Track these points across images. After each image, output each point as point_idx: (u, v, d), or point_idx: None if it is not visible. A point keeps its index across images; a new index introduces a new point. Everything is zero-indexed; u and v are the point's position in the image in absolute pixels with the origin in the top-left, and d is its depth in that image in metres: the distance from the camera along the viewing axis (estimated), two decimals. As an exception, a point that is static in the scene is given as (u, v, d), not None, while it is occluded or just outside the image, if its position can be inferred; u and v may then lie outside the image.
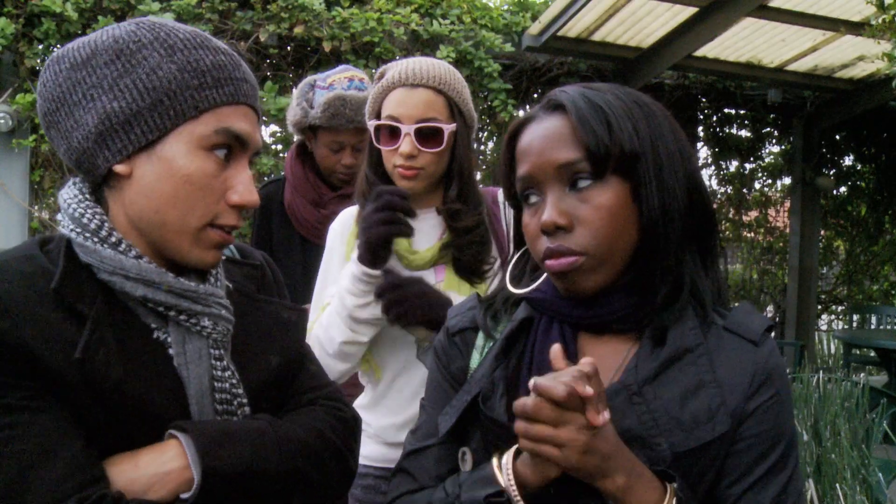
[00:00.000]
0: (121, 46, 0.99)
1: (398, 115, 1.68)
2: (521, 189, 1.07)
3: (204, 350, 1.04)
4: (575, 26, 5.13)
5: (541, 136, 1.04)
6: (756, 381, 1.00)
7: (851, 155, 7.80)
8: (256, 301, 1.18)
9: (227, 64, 1.03)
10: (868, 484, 2.92)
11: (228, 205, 1.03)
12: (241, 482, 0.99)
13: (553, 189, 1.02)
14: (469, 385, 1.09)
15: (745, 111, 6.78)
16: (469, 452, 1.05)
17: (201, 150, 1.01)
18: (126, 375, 0.95)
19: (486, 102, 5.31)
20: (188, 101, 0.99)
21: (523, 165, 1.05)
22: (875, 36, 3.78)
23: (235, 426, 1.03)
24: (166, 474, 0.96)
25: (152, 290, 1.00)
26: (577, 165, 1.01)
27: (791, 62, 5.82)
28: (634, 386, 1.00)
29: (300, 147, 2.53)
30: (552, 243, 1.01)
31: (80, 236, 1.00)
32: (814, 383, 3.57)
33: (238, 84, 1.04)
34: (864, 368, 7.02)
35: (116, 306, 1.00)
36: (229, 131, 1.01)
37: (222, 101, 1.02)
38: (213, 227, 1.03)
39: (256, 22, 4.63)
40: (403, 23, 4.85)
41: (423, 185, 1.72)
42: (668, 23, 5.14)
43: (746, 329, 1.04)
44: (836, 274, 8.10)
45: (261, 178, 4.64)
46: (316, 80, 2.42)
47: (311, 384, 1.20)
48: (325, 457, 1.10)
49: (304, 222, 2.45)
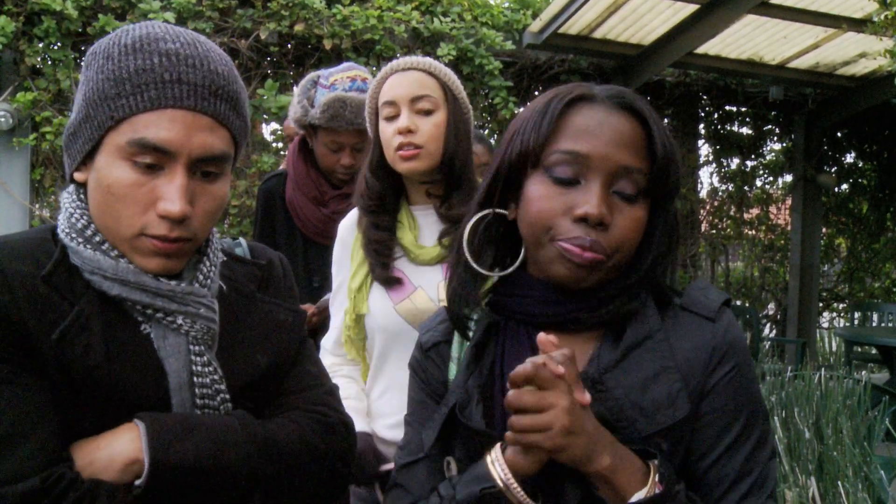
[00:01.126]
0: (88, 59, 1.04)
1: (393, 96, 1.73)
2: (557, 161, 1.02)
3: (182, 346, 1.05)
4: (576, 24, 5.13)
5: (610, 127, 1.02)
6: (715, 357, 1.02)
7: (853, 152, 7.79)
8: (253, 300, 1.18)
9: (153, 67, 0.99)
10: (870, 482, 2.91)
11: (158, 215, 1.00)
12: (195, 476, 1.00)
13: (602, 183, 1.00)
14: (447, 397, 1.10)
15: (747, 108, 6.77)
16: (453, 462, 1.06)
17: (122, 160, 1.00)
18: (106, 362, 0.98)
19: (487, 100, 5.31)
20: (105, 112, 0.99)
21: (580, 142, 1.01)
22: (877, 32, 3.77)
23: (200, 421, 1.04)
24: (118, 455, 0.98)
25: (128, 289, 1.02)
26: (636, 176, 1.01)
27: (792, 59, 5.82)
28: (596, 374, 1.02)
29: (302, 142, 2.51)
30: (589, 235, 0.99)
31: (69, 237, 1.03)
32: (815, 381, 3.57)
33: (164, 88, 0.99)
34: (866, 366, 7.01)
35: (108, 302, 1.03)
36: (143, 142, 0.98)
37: (140, 109, 0.98)
38: (146, 236, 1.01)
39: (257, 20, 4.62)
40: (404, 20, 4.85)
41: (424, 167, 1.73)
42: (670, 20, 5.13)
43: (702, 306, 1.05)
44: (837, 271, 8.09)
45: (262, 177, 4.64)
46: (319, 76, 2.40)
47: (301, 385, 1.19)
48: (304, 458, 1.10)
49: (305, 220, 2.44)
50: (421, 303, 1.72)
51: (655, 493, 0.93)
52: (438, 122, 1.73)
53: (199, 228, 1.04)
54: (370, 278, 1.77)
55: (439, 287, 1.72)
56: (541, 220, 1.02)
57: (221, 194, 1.07)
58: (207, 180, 1.04)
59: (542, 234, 1.02)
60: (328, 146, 2.37)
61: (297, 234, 2.48)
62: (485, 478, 0.97)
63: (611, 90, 1.06)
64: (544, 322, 1.05)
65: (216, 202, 1.06)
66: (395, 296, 1.74)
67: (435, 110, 1.73)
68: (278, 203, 2.50)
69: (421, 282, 1.75)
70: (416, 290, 1.74)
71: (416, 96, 1.72)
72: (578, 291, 1.04)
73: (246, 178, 4.77)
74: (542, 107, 1.05)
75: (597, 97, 1.05)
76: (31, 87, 4.40)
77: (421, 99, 1.72)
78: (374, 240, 1.76)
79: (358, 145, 2.34)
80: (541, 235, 1.03)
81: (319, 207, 2.41)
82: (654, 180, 1.02)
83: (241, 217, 4.72)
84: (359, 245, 1.80)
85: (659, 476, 0.94)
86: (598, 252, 0.99)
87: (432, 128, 1.72)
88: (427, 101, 1.72)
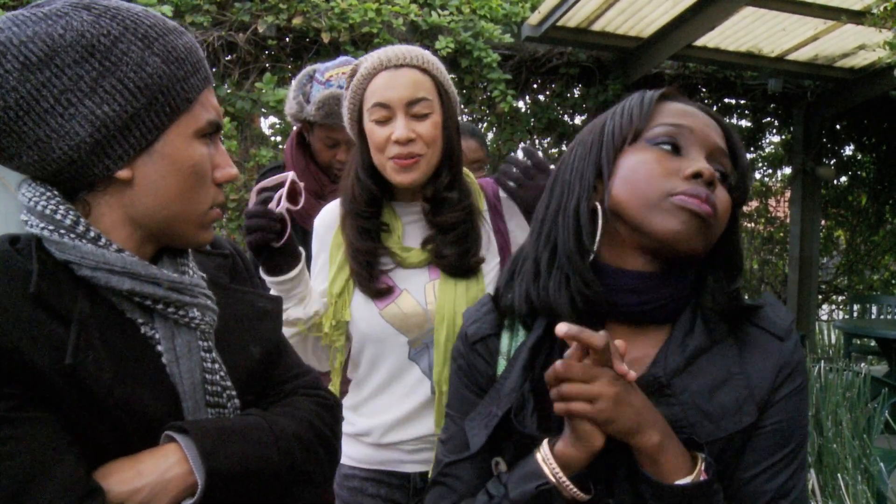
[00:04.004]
0: (90, 42, 0.90)
1: (386, 99, 1.57)
2: (661, 132, 1.06)
3: (193, 343, 1.01)
4: (574, 16, 5.11)
5: (703, 115, 1.08)
6: (782, 374, 1.03)
7: (852, 145, 7.77)
8: (232, 291, 1.15)
9: (193, 45, 1.01)
10: (869, 473, 2.92)
11: (216, 184, 1.04)
12: (244, 481, 0.98)
13: (703, 154, 1.05)
14: (499, 398, 1.07)
15: (746, 101, 6.75)
16: (502, 462, 1.06)
17: (197, 139, 1.00)
18: (116, 375, 0.91)
19: (486, 93, 5.29)
20: (180, 94, 0.96)
21: (683, 118, 1.07)
22: (876, 24, 3.77)
23: (232, 424, 1.01)
24: (169, 481, 0.93)
25: (139, 283, 0.96)
26: (725, 161, 1.07)
27: (791, 51, 5.80)
28: (663, 378, 1.02)
29: (300, 135, 2.51)
30: (702, 188, 1.01)
31: (54, 233, 0.93)
32: (815, 373, 3.57)
33: (204, 67, 1.02)
34: (865, 358, 7.02)
35: (99, 303, 0.95)
36: (215, 122, 1.02)
37: (204, 85, 1.01)
38: (214, 207, 1.05)
39: (255, 13, 4.60)
40: (402, 13, 4.83)
41: (423, 176, 1.62)
42: (668, 12, 5.11)
43: (773, 324, 1.07)
44: (836, 264, 8.09)
45: (259, 170, 4.63)
46: (315, 71, 2.39)
47: (291, 373, 1.19)
48: (317, 447, 1.11)
49: (303, 213, 2.43)
50: (407, 307, 1.64)
51: (701, 480, 0.94)
52: (436, 123, 1.60)
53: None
54: (352, 283, 1.68)
55: (426, 289, 1.66)
56: (652, 180, 1.02)
57: None
58: None
59: (653, 193, 1.02)
60: (324, 142, 2.38)
61: (296, 228, 2.48)
62: (536, 475, 0.97)
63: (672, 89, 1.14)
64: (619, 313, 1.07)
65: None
66: (380, 301, 1.65)
67: (431, 113, 1.59)
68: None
69: (406, 285, 1.66)
70: (401, 293, 1.65)
71: (413, 100, 1.57)
72: (660, 275, 1.05)
73: (244, 171, 4.75)
74: (634, 99, 1.11)
75: (682, 97, 1.12)
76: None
77: (418, 103, 1.57)
78: (363, 250, 1.65)
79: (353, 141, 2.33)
80: (652, 195, 1.02)
81: (318, 200, 2.41)
82: (737, 183, 1.07)
83: (239, 211, 4.71)
84: (337, 247, 1.71)
85: (705, 465, 0.95)
86: (712, 207, 1.01)
87: (431, 130, 1.59)
88: (423, 104, 1.58)
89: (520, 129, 5.68)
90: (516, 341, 1.12)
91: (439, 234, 1.66)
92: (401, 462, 1.70)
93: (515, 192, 1.73)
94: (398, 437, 1.68)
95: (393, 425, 1.68)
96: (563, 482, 0.96)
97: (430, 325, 1.64)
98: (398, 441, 1.69)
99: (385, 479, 1.71)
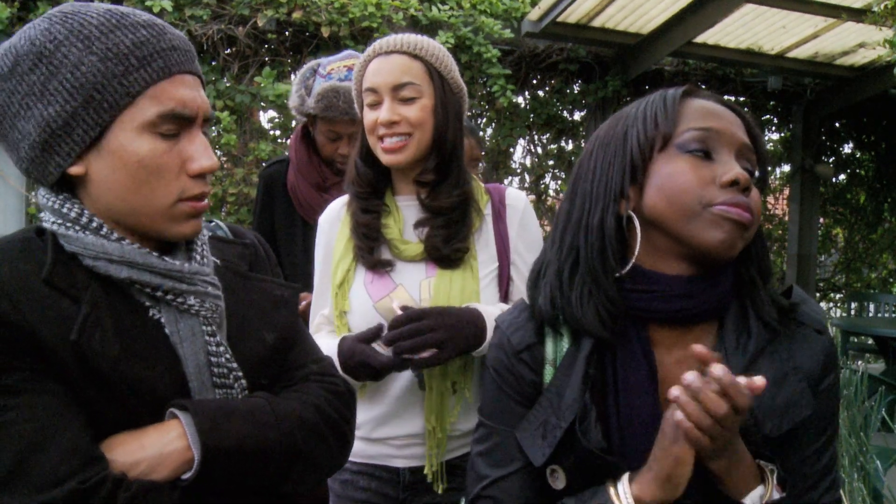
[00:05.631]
0: (39, 49, 0.97)
1: (374, 83, 1.64)
2: (691, 137, 1.05)
3: (196, 328, 1.04)
4: (574, 12, 5.10)
5: (727, 112, 1.10)
6: (826, 365, 1.09)
7: (851, 143, 7.77)
8: (249, 279, 1.19)
9: (148, 39, 1.00)
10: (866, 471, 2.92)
11: (190, 176, 1.03)
12: (241, 459, 1.00)
13: (734, 157, 1.06)
14: (558, 409, 1.06)
15: (745, 98, 6.75)
16: (561, 471, 1.06)
17: (146, 134, 0.99)
18: (123, 353, 0.97)
19: (486, 88, 5.29)
20: (118, 90, 0.97)
21: (709, 120, 1.07)
22: (877, 22, 3.76)
23: (234, 404, 1.04)
24: (168, 455, 0.97)
25: (137, 271, 1.01)
26: (752, 157, 1.07)
27: (791, 49, 5.80)
28: None
29: (304, 129, 2.53)
30: (741, 196, 1.02)
31: (62, 227, 1.01)
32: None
33: (166, 55, 1.00)
34: (862, 356, 7.03)
35: (111, 288, 1.01)
36: (170, 114, 1.00)
37: (153, 79, 0.99)
38: (182, 200, 1.03)
39: (254, 7, 4.59)
40: (402, 8, 4.82)
41: (409, 158, 1.65)
42: (669, 9, 5.11)
43: (812, 319, 1.12)
44: (834, 262, 8.10)
45: (259, 165, 4.62)
46: (319, 65, 2.42)
47: (304, 359, 1.21)
48: (324, 431, 1.12)
49: (306, 205, 2.45)
50: (401, 301, 1.64)
51: (774, 499, 0.97)
52: (425, 107, 1.63)
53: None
54: (352, 273, 1.71)
55: (421, 285, 1.66)
56: (690, 190, 1.03)
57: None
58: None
59: (692, 203, 1.02)
60: (326, 135, 2.40)
61: (298, 220, 2.49)
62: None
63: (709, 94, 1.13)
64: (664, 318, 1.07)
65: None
66: (376, 293, 1.67)
67: (419, 97, 1.63)
68: (279, 189, 2.52)
69: (402, 279, 1.68)
70: (396, 287, 1.67)
71: (398, 84, 1.62)
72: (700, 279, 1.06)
73: (244, 166, 4.75)
74: (656, 102, 1.10)
75: (702, 92, 1.12)
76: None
77: (403, 87, 1.62)
78: (363, 223, 1.70)
79: (356, 134, 2.31)
80: (691, 205, 1.02)
81: (321, 193, 2.43)
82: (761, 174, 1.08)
83: (238, 205, 4.70)
84: (342, 239, 1.74)
85: (778, 478, 0.99)
86: (751, 213, 1.03)
87: (418, 113, 1.62)
88: (410, 88, 1.62)
89: (519, 125, 5.68)
90: (561, 348, 1.12)
91: (430, 217, 1.68)
92: (390, 457, 1.71)
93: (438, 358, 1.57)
94: (388, 432, 1.70)
95: (383, 420, 1.70)
96: None
97: None
98: (387, 437, 1.70)
99: (375, 472, 1.72)
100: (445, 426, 1.65)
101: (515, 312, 1.19)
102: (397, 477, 1.71)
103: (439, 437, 1.65)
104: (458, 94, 1.71)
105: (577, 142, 6.20)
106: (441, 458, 1.67)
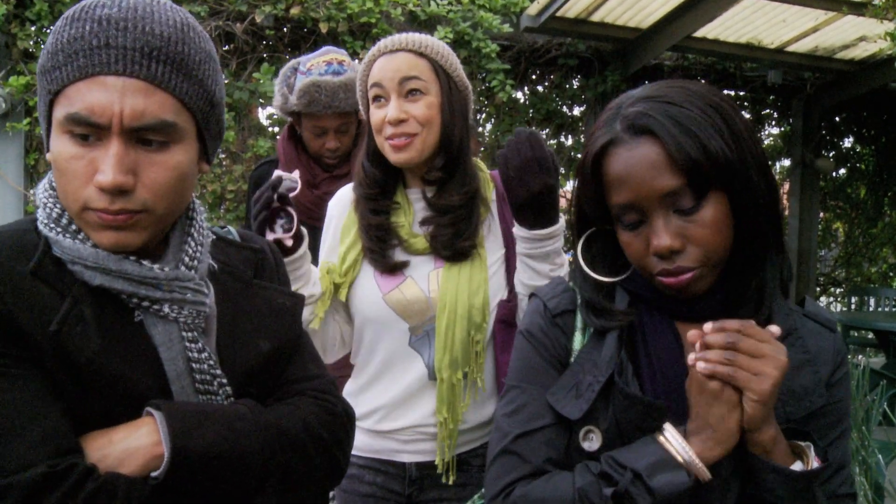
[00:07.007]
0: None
1: (380, 80, 1.64)
2: (620, 213, 1.08)
3: (175, 334, 1.02)
4: (574, 7, 5.09)
5: (637, 164, 1.04)
6: (838, 358, 1.15)
7: (851, 137, 7.77)
8: (250, 285, 1.16)
9: (83, 35, 0.93)
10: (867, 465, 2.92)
11: (95, 187, 0.95)
12: (214, 464, 0.98)
13: (658, 214, 1.05)
14: (594, 368, 1.12)
15: (745, 92, 6.74)
16: (597, 431, 1.10)
17: (63, 134, 0.96)
18: (103, 350, 0.95)
19: (485, 83, 5.27)
20: (45, 85, 0.96)
21: (622, 193, 1.06)
22: (878, 15, 3.75)
23: (213, 408, 1.02)
24: (136, 450, 0.95)
25: (110, 278, 0.98)
26: (680, 192, 1.03)
27: (791, 43, 5.78)
28: None
29: (291, 128, 2.56)
30: (668, 265, 1.05)
31: (47, 227, 0.99)
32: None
33: (92, 55, 0.93)
34: (863, 350, 7.04)
35: (99, 290, 0.99)
36: (75, 115, 0.93)
37: (70, 79, 0.93)
38: (89, 210, 0.96)
39: (252, 3, 4.58)
40: (401, 3, 4.81)
41: (418, 157, 1.65)
42: (668, 3, 5.10)
43: (824, 318, 1.19)
44: (834, 256, 8.09)
45: (257, 161, 4.61)
46: (299, 63, 2.45)
47: (303, 374, 1.18)
48: (309, 448, 1.08)
49: (296, 202, 2.45)
50: (410, 293, 1.66)
51: (814, 467, 1.03)
52: (431, 104, 1.63)
53: (151, 200, 0.97)
54: (359, 264, 1.71)
55: (430, 277, 1.67)
56: (638, 263, 1.10)
57: (175, 164, 0.98)
58: (153, 149, 0.96)
59: (645, 271, 1.10)
60: (312, 131, 2.43)
61: None
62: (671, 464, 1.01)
63: (627, 117, 1.06)
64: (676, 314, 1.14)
65: (169, 172, 0.98)
66: (385, 285, 1.68)
67: (425, 93, 1.63)
68: None
69: (412, 271, 1.68)
70: (405, 279, 1.68)
71: (405, 77, 1.62)
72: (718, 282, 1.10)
73: (242, 162, 4.74)
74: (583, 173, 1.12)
75: (618, 138, 1.06)
76: (24, 71, 4.36)
77: (409, 81, 1.62)
78: (374, 224, 1.69)
79: (342, 127, 2.41)
80: (645, 272, 1.10)
81: (311, 190, 2.44)
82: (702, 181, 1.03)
83: (237, 202, 4.69)
84: (351, 226, 1.74)
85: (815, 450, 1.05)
86: (688, 271, 1.05)
87: (425, 110, 1.62)
88: (416, 82, 1.62)
89: (518, 120, 5.67)
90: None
91: (437, 215, 1.68)
92: (396, 451, 1.71)
93: (506, 185, 1.63)
94: (394, 424, 1.70)
95: (390, 409, 1.70)
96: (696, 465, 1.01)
97: (431, 312, 1.66)
98: (393, 429, 1.70)
99: (381, 467, 1.73)
100: (458, 417, 1.65)
101: (553, 285, 1.26)
102: (404, 472, 1.71)
103: (451, 429, 1.64)
104: (463, 92, 1.72)
105: (577, 137, 6.19)
106: (453, 451, 1.67)
